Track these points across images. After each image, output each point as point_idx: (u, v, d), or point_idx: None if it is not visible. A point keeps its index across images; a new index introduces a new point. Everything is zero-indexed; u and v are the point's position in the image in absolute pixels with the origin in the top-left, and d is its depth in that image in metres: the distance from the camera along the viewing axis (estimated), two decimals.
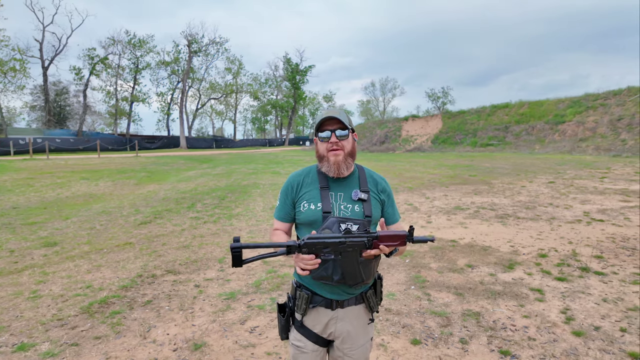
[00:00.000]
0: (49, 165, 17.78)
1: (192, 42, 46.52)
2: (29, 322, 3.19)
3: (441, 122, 35.30)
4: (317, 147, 1.55)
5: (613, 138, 22.33)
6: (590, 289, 3.77)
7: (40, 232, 6.23)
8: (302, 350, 1.53)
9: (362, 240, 1.34)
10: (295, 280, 1.58)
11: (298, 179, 1.60)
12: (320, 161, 1.56)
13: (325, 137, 1.51)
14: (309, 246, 1.33)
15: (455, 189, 10.67)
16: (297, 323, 1.55)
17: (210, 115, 67.19)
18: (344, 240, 1.34)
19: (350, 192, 1.54)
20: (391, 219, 1.66)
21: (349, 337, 1.54)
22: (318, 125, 1.52)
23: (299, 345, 1.54)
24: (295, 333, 1.55)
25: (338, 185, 1.55)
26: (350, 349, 1.55)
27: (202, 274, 4.34)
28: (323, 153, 1.52)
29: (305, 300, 1.50)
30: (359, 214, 1.51)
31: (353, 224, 1.47)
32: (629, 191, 9.36)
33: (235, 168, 18.30)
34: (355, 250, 1.37)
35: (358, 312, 1.55)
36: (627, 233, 5.75)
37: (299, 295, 1.52)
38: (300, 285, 1.55)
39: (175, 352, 2.75)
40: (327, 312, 1.51)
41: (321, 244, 1.33)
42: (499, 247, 5.24)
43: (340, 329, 1.53)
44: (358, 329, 1.55)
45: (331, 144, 1.50)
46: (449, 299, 3.62)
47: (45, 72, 39.59)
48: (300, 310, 1.51)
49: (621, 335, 2.90)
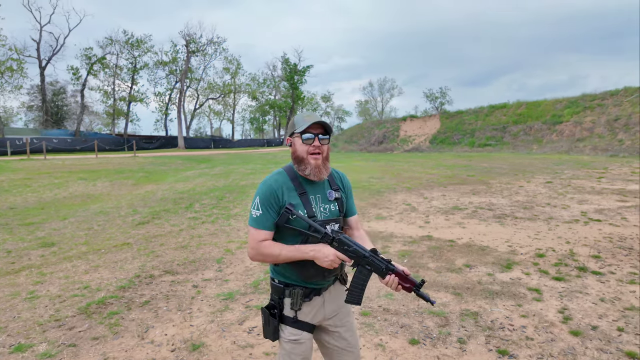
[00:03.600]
0: (46, 166, 17.72)
1: (190, 41, 46.44)
2: (26, 323, 3.18)
3: (439, 122, 35.35)
4: (296, 148, 1.58)
5: (610, 138, 22.41)
6: (588, 289, 3.78)
7: (38, 232, 6.21)
8: (299, 342, 1.58)
9: (382, 266, 1.49)
10: (279, 281, 1.61)
11: (278, 187, 1.56)
12: (298, 162, 1.58)
13: (309, 139, 1.55)
14: (341, 243, 1.49)
15: (453, 189, 10.68)
16: (290, 320, 1.59)
17: (208, 115, 67.14)
18: (368, 256, 1.49)
19: (325, 193, 1.63)
20: (351, 211, 1.77)
21: (339, 311, 1.68)
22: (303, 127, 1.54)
23: (296, 338, 1.58)
24: (290, 329, 1.59)
25: (313, 188, 1.61)
26: (341, 320, 1.68)
27: (200, 275, 4.34)
28: (303, 155, 1.56)
29: (301, 296, 1.56)
30: (335, 213, 1.63)
31: (334, 223, 1.60)
32: (626, 191, 9.39)
33: (234, 168, 18.28)
34: (369, 270, 1.51)
35: (337, 288, 1.69)
36: (624, 233, 5.77)
37: (293, 292, 1.56)
38: (288, 284, 1.59)
39: (173, 353, 2.75)
40: (317, 300, 1.61)
41: (351, 247, 1.49)
42: (497, 247, 5.25)
43: (329, 309, 1.64)
44: (341, 301, 1.68)
45: (314, 147, 1.55)
46: (447, 298, 3.63)
47: (42, 72, 39.44)
48: (296, 306, 1.56)
49: (618, 334, 2.91)
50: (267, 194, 1.55)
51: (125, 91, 46.76)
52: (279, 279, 1.62)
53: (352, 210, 1.76)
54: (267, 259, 1.54)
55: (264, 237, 1.53)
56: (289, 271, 1.58)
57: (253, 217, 1.55)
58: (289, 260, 1.52)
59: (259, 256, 1.54)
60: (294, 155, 1.60)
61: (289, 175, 1.60)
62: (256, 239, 1.53)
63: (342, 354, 1.69)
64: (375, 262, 1.49)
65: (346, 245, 1.49)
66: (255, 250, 1.54)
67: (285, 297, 1.59)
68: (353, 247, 1.49)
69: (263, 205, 1.54)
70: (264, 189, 1.56)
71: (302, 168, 1.57)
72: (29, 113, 45.65)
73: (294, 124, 1.59)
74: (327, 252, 1.46)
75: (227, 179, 13.70)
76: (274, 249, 1.51)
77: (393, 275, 1.48)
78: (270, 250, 1.52)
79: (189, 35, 46.25)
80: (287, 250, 1.50)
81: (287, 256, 1.50)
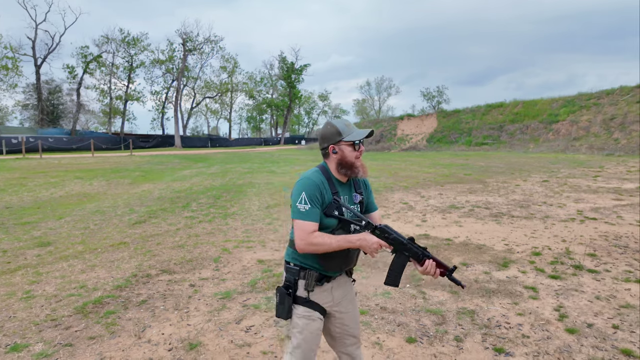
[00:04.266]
0: (42, 165, 17.63)
1: (187, 40, 46.28)
2: (22, 323, 3.16)
3: (436, 121, 35.40)
4: (345, 154, 1.71)
5: (606, 137, 22.52)
6: (584, 287, 3.80)
7: (34, 232, 6.18)
8: (312, 319, 1.72)
9: (419, 252, 1.62)
10: (295, 264, 1.74)
11: (320, 183, 1.68)
12: (347, 167, 1.72)
13: (357, 145, 1.71)
14: (382, 231, 1.63)
15: (450, 187, 10.71)
16: (303, 299, 1.72)
17: (205, 114, 66.93)
18: (407, 243, 1.63)
19: (351, 195, 1.79)
20: (373, 207, 1.91)
21: (345, 298, 1.83)
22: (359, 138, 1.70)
23: (309, 314, 1.71)
24: (302, 308, 1.71)
25: (342, 190, 1.76)
26: (346, 307, 1.83)
27: (197, 274, 4.33)
28: (352, 160, 1.71)
29: (315, 278, 1.69)
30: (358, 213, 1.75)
31: (357, 224, 1.69)
32: (621, 190, 9.45)
33: (231, 167, 18.25)
34: (406, 256, 1.64)
35: (343, 277, 1.84)
36: (619, 231, 5.81)
37: (309, 274, 1.70)
38: (304, 267, 1.72)
39: (170, 352, 2.74)
40: (327, 286, 1.76)
41: (392, 235, 1.62)
42: (494, 246, 5.28)
43: (337, 295, 1.79)
44: (348, 290, 1.86)
45: (360, 152, 1.73)
46: (444, 297, 3.64)
47: (38, 70, 39.23)
48: (310, 287, 1.69)
49: (614, 332, 2.93)
50: (313, 188, 1.65)
51: (121, 90, 46.61)
52: (294, 262, 1.74)
53: (374, 206, 1.91)
54: (318, 248, 1.60)
55: (313, 229, 1.62)
56: (311, 260, 1.70)
57: (301, 211, 1.62)
58: (338, 248, 1.61)
59: (311, 247, 1.60)
60: (342, 161, 1.71)
61: (324, 175, 1.73)
62: (306, 230, 1.61)
63: (345, 338, 1.85)
64: (413, 249, 1.62)
65: (387, 233, 1.63)
66: (305, 241, 1.60)
67: (300, 278, 1.72)
68: (393, 235, 1.63)
69: (310, 200, 1.63)
70: (310, 184, 1.66)
71: (352, 172, 1.72)
72: (24, 112, 45.43)
73: (339, 132, 1.70)
74: (371, 240, 1.57)
75: (224, 178, 13.68)
76: (325, 238, 1.60)
77: (431, 260, 1.61)
78: (321, 240, 1.59)
79: (185, 33, 46.12)
80: (336, 239, 1.60)
81: (337, 245, 1.59)
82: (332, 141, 1.71)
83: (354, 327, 1.87)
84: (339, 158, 1.72)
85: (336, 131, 1.70)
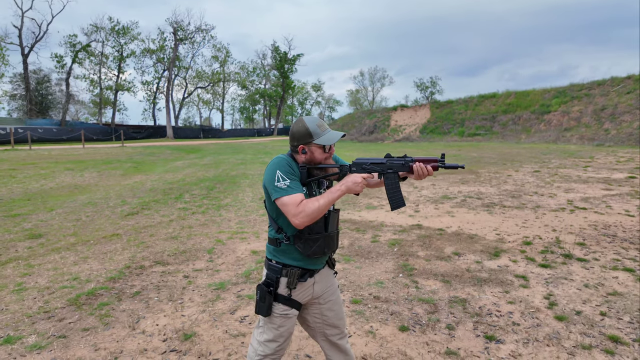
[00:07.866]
0: (31, 156, 17.38)
1: (178, 29, 45.53)
2: (15, 315, 3.15)
3: (429, 112, 35.46)
4: (315, 156, 1.71)
5: (596, 128, 22.75)
6: (573, 275, 3.88)
7: (24, 224, 6.11)
8: (289, 316, 1.74)
9: (401, 162, 1.61)
10: (277, 262, 1.73)
11: (289, 162, 1.68)
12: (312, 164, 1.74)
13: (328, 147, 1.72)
14: (357, 165, 1.65)
15: (442, 178, 10.78)
16: (283, 297, 1.72)
17: (197, 105, 66.14)
18: (385, 162, 1.63)
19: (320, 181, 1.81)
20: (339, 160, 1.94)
21: (327, 290, 1.85)
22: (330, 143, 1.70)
23: (286, 313, 1.73)
24: (282, 306, 1.72)
25: None
26: (326, 298, 1.85)
27: (191, 265, 4.33)
28: (321, 161, 1.72)
29: (297, 276, 1.69)
30: None
31: (332, 175, 1.74)
32: (611, 180, 9.58)
33: (224, 158, 18.15)
34: (395, 173, 1.63)
35: (326, 271, 1.86)
36: (608, 220, 5.91)
37: (291, 272, 1.69)
38: (286, 265, 1.71)
39: (165, 343, 2.75)
40: (309, 282, 1.76)
41: (367, 163, 1.63)
42: (485, 235, 5.34)
43: (317, 290, 1.81)
44: (330, 283, 1.87)
45: (330, 153, 1.74)
46: (436, 286, 3.69)
47: (25, 59, 38.34)
48: (292, 285, 1.69)
49: (601, 319, 2.99)
50: (285, 166, 1.65)
51: (112, 80, 45.76)
52: (276, 259, 1.73)
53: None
54: (314, 215, 1.55)
55: (301, 198, 1.59)
56: (292, 250, 1.69)
57: (283, 188, 1.59)
58: (330, 204, 1.58)
59: (306, 217, 1.55)
60: (311, 162, 1.71)
61: (292, 160, 1.72)
62: (295, 202, 1.57)
63: (325, 328, 1.87)
64: (395, 163, 1.62)
65: (362, 164, 1.64)
66: (299, 213, 1.55)
67: (282, 276, 1.71)
68: (368, 162, 1.64)
69: (287, 175, 1.62)
70: (281, 163, 1.65)
71: (316, 172, 1.73)
72: (12, 102, 44.41)
73: (310, 133, 1.67)
74: (354, 178, 1.59)
75: (217, 169, 13.61)
76: (314, 202, 1.56)
77: (417, 162, 1.60)
78: (312, 205, 1.55)
79: (176, 22, 45.33)
80: (323, 198, 1.57)
81: (327, 201, 1.56)
82: (302, 141, 1.69)
83: (333, 317, 1.86)
84: (308, 158, 1.71)
85: (307, 132, 1.67)
